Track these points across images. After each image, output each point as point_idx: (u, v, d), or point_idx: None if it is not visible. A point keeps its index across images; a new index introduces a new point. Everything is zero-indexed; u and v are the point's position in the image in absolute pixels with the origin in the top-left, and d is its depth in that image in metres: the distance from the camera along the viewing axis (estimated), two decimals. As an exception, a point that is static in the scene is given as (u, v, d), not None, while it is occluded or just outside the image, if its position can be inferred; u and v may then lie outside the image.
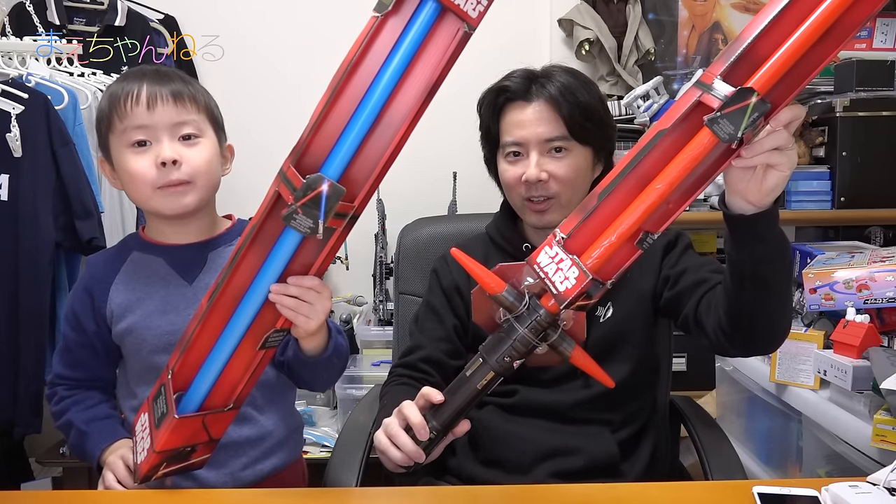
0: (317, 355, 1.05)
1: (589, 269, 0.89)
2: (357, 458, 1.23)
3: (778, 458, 1.72)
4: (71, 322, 1.16)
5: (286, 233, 0.90)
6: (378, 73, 0.86)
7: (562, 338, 0.93)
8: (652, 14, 2.40)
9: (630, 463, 1.20)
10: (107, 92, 1.11)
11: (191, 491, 1.05)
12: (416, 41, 0.84)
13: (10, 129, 1.74)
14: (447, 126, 2.46)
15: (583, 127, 1.21)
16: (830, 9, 0.80)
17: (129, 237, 1.22)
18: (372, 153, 0.88)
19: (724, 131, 0.84)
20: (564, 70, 1.26)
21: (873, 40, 2.19)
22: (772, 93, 0.84)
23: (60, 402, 1.16)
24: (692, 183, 0.89)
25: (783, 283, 1.01)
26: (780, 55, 0.83)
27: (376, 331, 2.19)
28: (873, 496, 0.86)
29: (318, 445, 2.10)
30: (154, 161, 1.05)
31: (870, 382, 1.30)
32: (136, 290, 1.13)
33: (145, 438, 1.00)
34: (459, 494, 1.03)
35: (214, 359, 0.97)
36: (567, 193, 1.22)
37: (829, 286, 1.51)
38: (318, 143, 0.88)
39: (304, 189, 0.85)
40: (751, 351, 1.14)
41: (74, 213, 1.82)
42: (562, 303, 0.89)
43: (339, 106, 0.87)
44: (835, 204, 1.97)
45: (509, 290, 0.93)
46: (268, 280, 0.93)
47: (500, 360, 0.93)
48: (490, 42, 2.45)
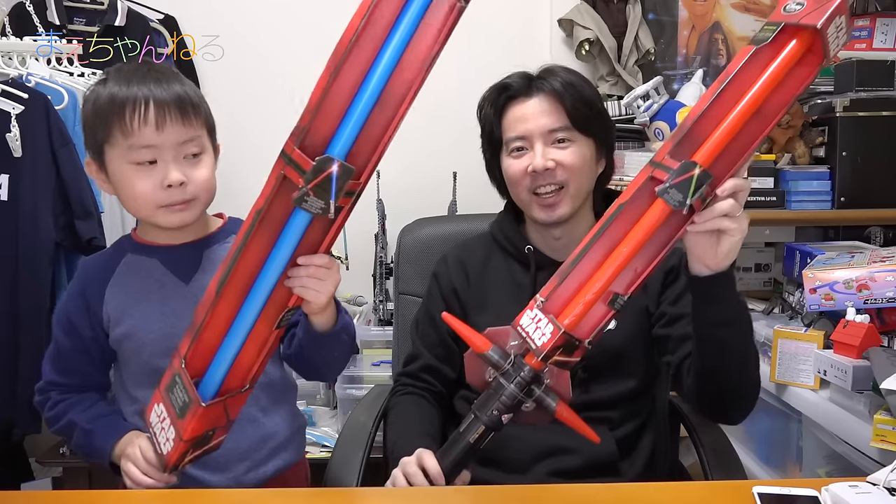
0: (328, 331, 1.06)
1: (565, 327, 0.98)
2: (357, 457, 1.23)
3: (778, 458, 1.72)
4: (65, 327, 1.13)
5: (295, 214, 0.91)
6: (380, 49, 0.85)
7: (546, 393, 1.00)
8: (652, 14, 2.40)
9: (629, 462, 1.21)
10: (102, 91, 1.05)
11: (191, 491, 1.05)
12: (416, 16, 0.85)
13: (10, 129, 1.75)
14: (447, 126, 2.46)
15: (586, 117, 1.22)
16: (758, 94, 0.94)
17: (122, 239, 1.19)
18: (374, 130, 0.88)
19: (673, 199, 0.95)
20: (563, 68, 1.28)
21: (873, 40, 2.19)
22: (714, 165, 0.95)
23: (56, 407, 1.14)
24: (655, 248, 0.99)
25: (740, 345, 1.08)
26: (717, 133, 0.95)
27: (376, 331, 2.19)
28: (873, 496, 0.86)
29: (319, 445, 2.10)
30: (160, 183, 1.04)
31: (870, 382, 1.30)
32: (133, 293, 1.12)
33: (167, 429, 1.00)
34: (459, 494, 1.03)
35: (230, 343, 0.97)
36: (575, 182, 1.22)
37: (829, 286, 1.51)
38: (321, 122, 0.87)
39: (315, 171, 0.85)
40: (718, 415, 1.21)
41: (74, 213, 1.83)
42: (540, 355, 0.97)
43: (340, 84, 0.86)
44: (835, 204, 1.97)
45: (495, 349, 1.01)
46: (279, 261, 0.93)
47: (490, 415, 1.00)
48: (490, 42, 2.45)
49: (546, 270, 1.24)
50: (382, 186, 2.25)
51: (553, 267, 1.20)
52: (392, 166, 2.37)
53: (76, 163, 1.83)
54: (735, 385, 1.10)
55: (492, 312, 1.26)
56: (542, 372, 1.00)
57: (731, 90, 0.97)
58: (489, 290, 1.30)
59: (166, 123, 1.02)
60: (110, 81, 1.05)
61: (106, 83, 1.06)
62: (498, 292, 1.29)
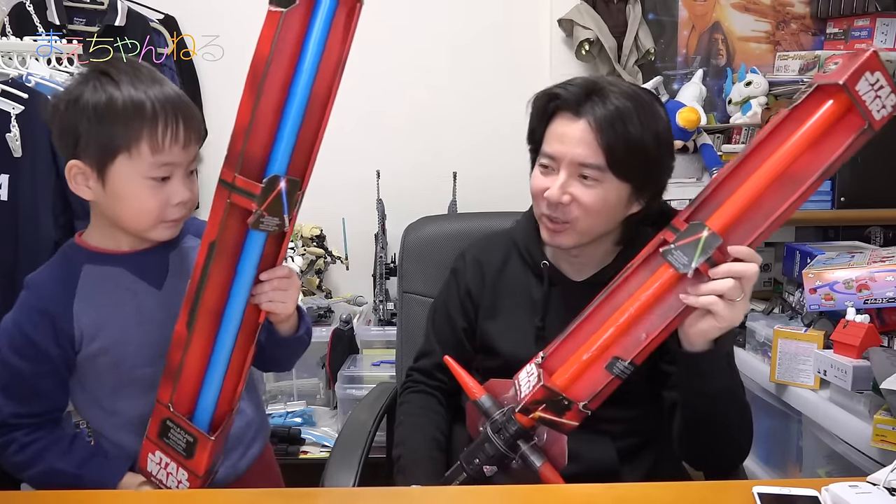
0: (292, 334, 1.09)
1: (558, 386, 0.98)
2: (356, 457, 1.23)
3: (778, 458, 1.72)
4: (25, 352, 1.03)
5: (250, 236, 0.94)
6: (297, 63, 0.89)
7: (532, 451, 1.00)
8: (652, 14, 2.40)
9: (630, 468, 1.19)
10: (116, 94, 0.96)
11: (192, 491, 1.05)
12: (324, 24, 0.88)
13: (10, 129, 1.75)
14: (447, 126, 2.46)
15: (622, 162, 1.08)
16: (784, 156, 0.88)
17: (67, 249, 1.10)
18: (306, 139, 0.91)
19: (678, 262, 0.91)
20: (625, 92, 1.11)
21: (873, 40, 2.19)
22: (731, 232, 0.91)
23: (25, 450, 1.05)
24: (664, 315, 0.96)
25: (722, 417, 1.06)
26: (736, 195, 0.90)
27: (376, 331, 2.19)
28: (873, 496, 0.86)
29: (318, 445, 2.10)
30: (168, 200, 1.01)
31: (870, 382, 1.30)
32: (104, 306, 1.05)
33: (175, 472, 1.02)
34: (459, 494, 1.03)
35: (213, 375, 1.00)
36: (586, 222, 1.12)
37: (829, 286, 1.51)
38: (255, 145, 0.91)
39: (265, 192, 0.89)
40: (696, 466, 1.19)
41: (74, 213, 1.82)
42: (518, 406, 0.98)
43: (264, 105, 0.90)
44: (835, 204, 1.97)
45: (488, 398, 1.01)
46: (244, 285, 0.97)
47: (472, 464, 1.01)
48: (490, 42, 2.45)
49: (560, 287, 1.21)
50: (382, 186, 2.25)
51: (568, 285, 1.20)
52: (392, 166, 2.39)
53: (76, 163, 1.83)
54: (714, 447, 1.09)
55: (502, 321, 1.25)
56: (532, 429, 1.00)
57: (759, 153, 0.90)
58: (503, 296, 1.27)
59: (191, 142, 1.01)
60: (114, 86, 0.97)
61: (104, 87, 0.97)
62: (511, 301, 1.26)
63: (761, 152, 0.90)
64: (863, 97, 0.85)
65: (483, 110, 2.40)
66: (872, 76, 0.84)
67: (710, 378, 1.02)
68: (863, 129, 0.87)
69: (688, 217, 0.93)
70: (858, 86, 0.84)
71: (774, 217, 0.89)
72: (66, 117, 0.99)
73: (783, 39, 2.40)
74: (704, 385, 1.03)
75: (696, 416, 1.07)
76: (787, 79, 2.17)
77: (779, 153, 0.88)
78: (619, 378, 0.98)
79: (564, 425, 0.99)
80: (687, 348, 1.01)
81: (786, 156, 0.87)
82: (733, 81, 2.30)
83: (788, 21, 2.40)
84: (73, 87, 0.99)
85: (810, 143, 0.87)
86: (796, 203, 0.89)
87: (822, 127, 0.87)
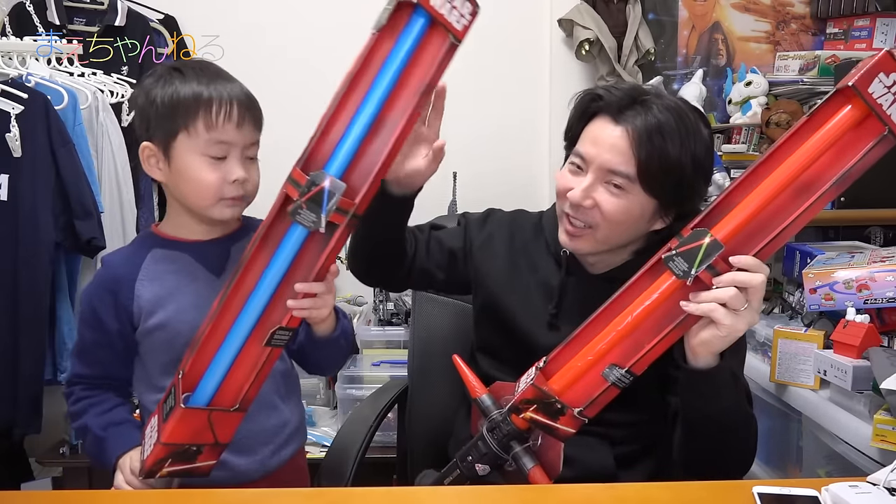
0: (326, 336, 1.14)
1: (553, 390, 0.97)
2: (352, 456, 1.24)
3: (778, 458, 1.72)
4: (90, 321, 1.16)
5: (292, 229, 0.97)
6: (374, 82, 0.93)
7: (524, 453, 1.00)
8: (652, 14, 2.40)
9: (627, 477, 1.17)
10: (180, 87, 1.09)
11: (192, 491, 1.05)
12: (407, 52, 0.92)
13: (10, 129, 1.75)
14: (447, 126, 2.45)
15: (654, 177, 1.06)
16: (797, 161, 0.84)
17: (145, 235, 1.24)
18: (372, 155, 0.95)
19: (678, 268, 0.90)
20: (669, 106, 1.08)
21: (873, 40, 2.19)
22: (737, 240, 0.88)
23: (78, 403, 1.18)
24: (664, 323, 0.94)
25: (721, 436, 1.05)
26: (744, 202, 0.87)
27: (376, 331, 2.19)
28: (873, 496, 0.86)
29: (318, 445, 2.10)
30: (225, 177, 1.10)
31: (870, 382, 1.30)
32: (166, 285, 1.15)
33: (153, 436, 1.03)
34: (459, 494, 1.03)
35: (221, 358, 1.02)
36: (606, 230, 1.10)
37: (829, 286, 1.50)
38: (322, 148, 0.95)
39: (308, 185, 0.93)
40: (692, 476, 1.16)
41: (74, 213, 1.83)
42: (508, 405, 0.98)
43: (341, 115, 0.94)
44: (835, 204, 1.96)
45: (488, 397, 1.01)
46: (273, 275, 0.99)
47: (465, 462, 1.02)
48: (490, 42, 2.45)
49: (577, 277, 1.20)
50: (382, 186, 2.25)
51: (585, 277, 1.19)
52: (392, 166, 2.38)
53: (76, 163, 1.83)
54: (714, 461, 1.08)
55: (520, 296, 1.22)
56: (528, 432, 1.00)
57: (774, 159, 0.87)
58: (522, 271, 1.24)
59: (244, 124, 1.10)
60: (181, 79, 1.10)
61: (172, 80, 1.10)
62: (531, 277, 1.23)
63: (776, 159, 0.86)
64: (878, 100, 0.79)
65: (483, 110, 2.39)
66: (888, 78, 0.79)
67: (711, 399, 1.01)
68: (882, 134, 0.81)
69: (696, 224, 0.91)
70: (871, 88, 0.78)
71: (783, 227, 0.85)
72: (140, 107, 1.13)
73: (783, 39, 2.40)
74: (705, 405, 1.02)
75: (695, 432, 1.07)
76: (787, 79, 2.17)
77: (790, 160, 0.84)
78: (617, 386, 0.97)
79: (559, 430, 0.99)
80: (692, 363, 0.99)
81: (798, 163, 0.83)
82: (733, 81, 2.30)
83: (788, 21, 2.40)
84: (148, 82, 1.12)
85: (824, 150, 0.83)
86: (808, 213, 0.85)
87: (837, 133, 0.82)
